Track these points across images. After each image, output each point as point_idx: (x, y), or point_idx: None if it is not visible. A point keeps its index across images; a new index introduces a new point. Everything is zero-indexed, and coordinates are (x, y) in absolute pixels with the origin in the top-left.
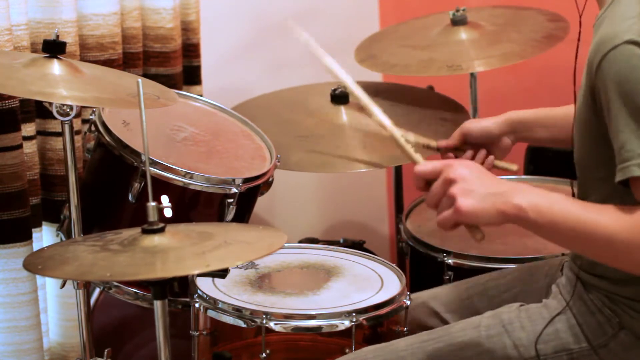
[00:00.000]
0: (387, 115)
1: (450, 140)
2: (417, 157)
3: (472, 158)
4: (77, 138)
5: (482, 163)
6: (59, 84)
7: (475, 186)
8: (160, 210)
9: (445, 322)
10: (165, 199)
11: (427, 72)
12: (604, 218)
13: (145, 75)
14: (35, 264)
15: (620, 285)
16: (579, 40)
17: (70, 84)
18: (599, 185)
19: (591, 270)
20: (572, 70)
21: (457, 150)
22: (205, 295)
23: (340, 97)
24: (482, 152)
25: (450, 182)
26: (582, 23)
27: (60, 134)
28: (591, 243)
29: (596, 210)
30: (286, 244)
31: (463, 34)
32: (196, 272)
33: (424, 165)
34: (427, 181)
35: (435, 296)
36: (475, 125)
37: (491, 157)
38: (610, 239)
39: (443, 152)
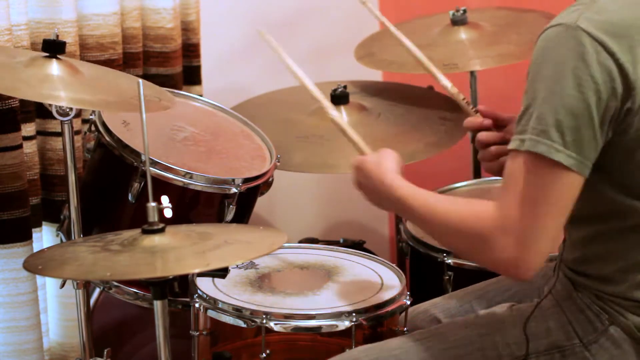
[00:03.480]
0: (385, 116)
1: (497, 112)
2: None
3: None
4: (77, 138)
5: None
6: (59, 86)
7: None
8: (160, 211)
9: None
10: (165, 199)
11: (423, 70)
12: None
13: (145, 75)
14: (36, 264)
15: (606, 283)
16: None
17: (70, 86)
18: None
19: (577, 268)
20: None
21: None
22: (205, 295)
23: (340, 97)
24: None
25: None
26: None
27: (60, 134)
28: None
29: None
30: (286, 244)
31: (463, 34)
32: (196, 271)
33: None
34: None
35: (436, 304)
36: None
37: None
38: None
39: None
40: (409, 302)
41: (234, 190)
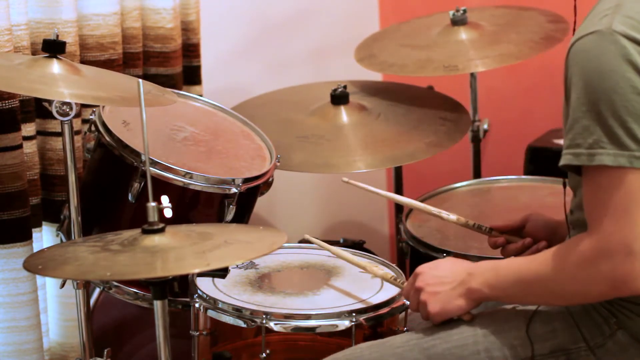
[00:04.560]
0: (385, 116)
1: (509, 223)
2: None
3: (528, 247)
4: (77, 138)
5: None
6: (59, 82)
7: (439, 287)
8: (160, 211)
9: None
10: (165, 199)
11: (423, 72)
12: (533, 264)
13: (145, 75)
14: (36, 264)
15: None
16: None
17: (78, 83)
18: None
19: None
20: None
21: (513, 235)
22: (205, 295)
23: (340, 97)
24: (542, 244)
25: (418, 290)
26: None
27: (60, 134)
28: (535, 291)
29: (530, 259)
30: (286, 244)
31: (463, 34)
32: (196, 271)
33: (404, 288)
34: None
35: None
36: (541, 218)
37: None
38: (540, 280)
39: (494, 235)
40: (408, 302)
41: (234, 190)
